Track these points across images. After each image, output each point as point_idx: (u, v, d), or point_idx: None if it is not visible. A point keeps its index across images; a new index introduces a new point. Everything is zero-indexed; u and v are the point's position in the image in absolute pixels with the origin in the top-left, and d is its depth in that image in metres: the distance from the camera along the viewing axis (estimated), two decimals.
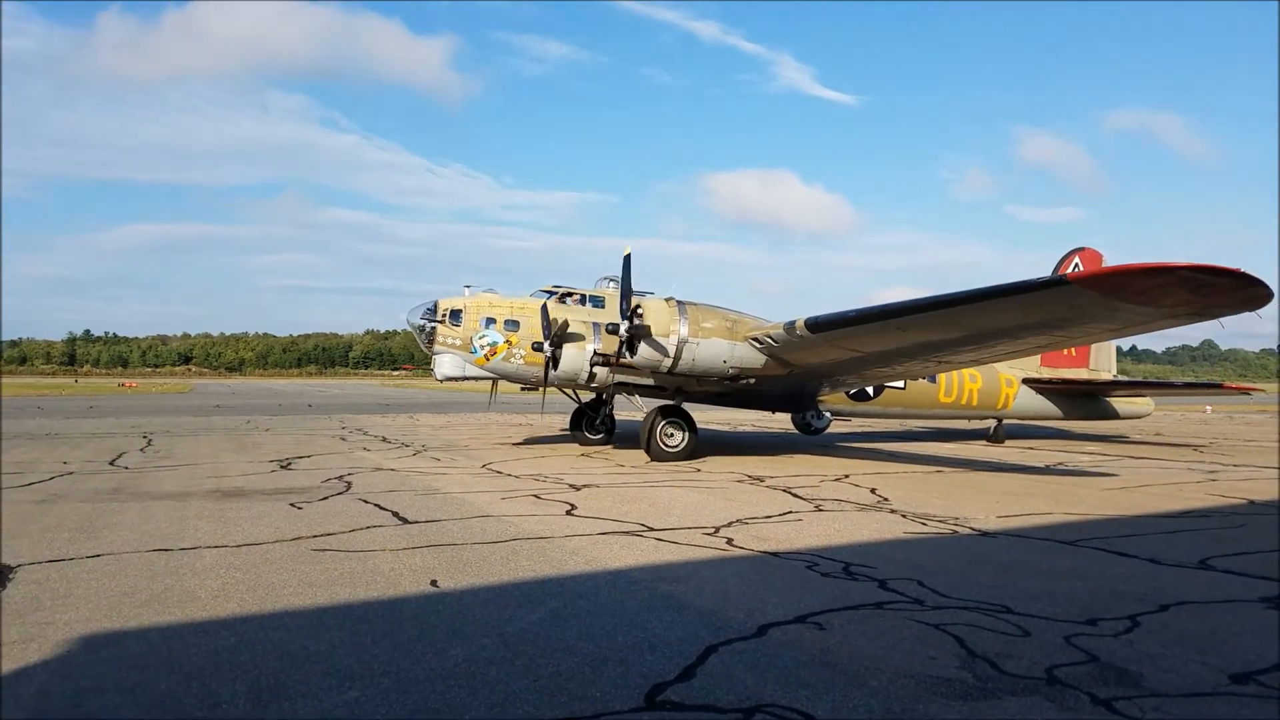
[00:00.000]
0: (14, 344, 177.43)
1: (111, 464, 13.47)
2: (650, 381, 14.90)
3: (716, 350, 13.57)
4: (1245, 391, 22.02)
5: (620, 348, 13.85)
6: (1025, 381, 19.45)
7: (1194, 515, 9.59)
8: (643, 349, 13.43)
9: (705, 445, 17.99)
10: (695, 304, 13.91)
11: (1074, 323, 11.26)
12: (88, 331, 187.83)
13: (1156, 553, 7.36)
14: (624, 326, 13.68)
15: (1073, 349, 20.27)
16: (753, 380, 14.57)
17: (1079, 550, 7.46)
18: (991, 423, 20.16)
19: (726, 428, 24.00)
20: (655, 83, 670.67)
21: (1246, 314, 10.16)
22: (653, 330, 13.35)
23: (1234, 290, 9.59)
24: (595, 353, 14.40)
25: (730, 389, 15.11)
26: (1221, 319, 10.62)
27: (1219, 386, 21.25)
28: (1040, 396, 19.59)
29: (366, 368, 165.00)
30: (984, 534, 8.22)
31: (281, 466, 13.22)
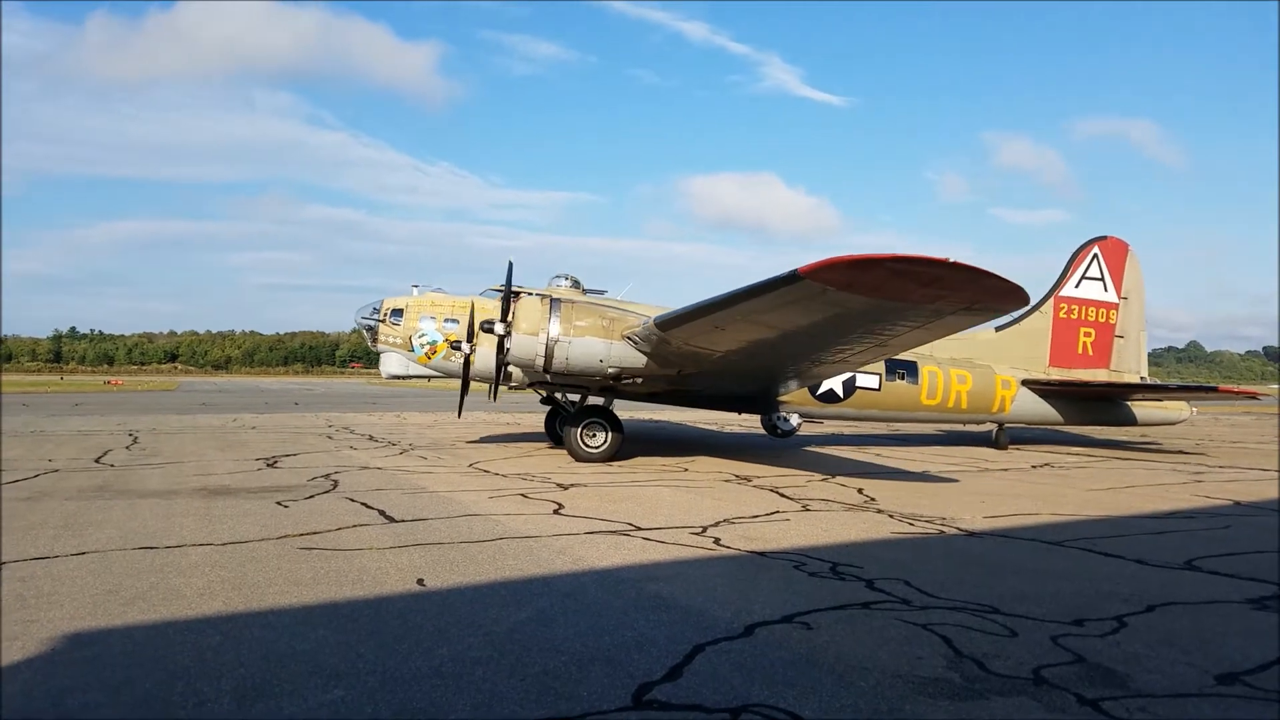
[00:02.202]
0: None
1: (97, 461, 13.37)
2: (544, 379, 14.63)
3: (591, 349, 13.36)
4: (1252, 395, 21.30)
5: (499, 346, 13.85)
6: (1025, 383, 18.42)
7: (1180, 516, 9.65)
8: (515, 347, 13.41)
9: (694, 445, 18.00)
10: (572, 301, 13.83)
11: (863, 321, 10.91)
12: (73, 329, 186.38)
13: (1143, 553, 7.40)
14: (498, 326, 13.72)
15: (1089, 348, 19.37)
16: (639, 380, 14.29)
17: (1065, 551, 7.49)
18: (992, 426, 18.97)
19: (714, 427, 24.02)
20: (644, 83, 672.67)
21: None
22: (524, 329, 13.29)
23: (971, 286, 9.41)
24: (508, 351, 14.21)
25: (655, 389, 14.92)
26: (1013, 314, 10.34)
27: (1214, 390, 20.41)
28: (1042, 400, 18.50)
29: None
30: (971, 534, 8.25)
31: (268, 465, 13.15)
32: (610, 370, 13.58)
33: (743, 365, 13.70)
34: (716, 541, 7.60)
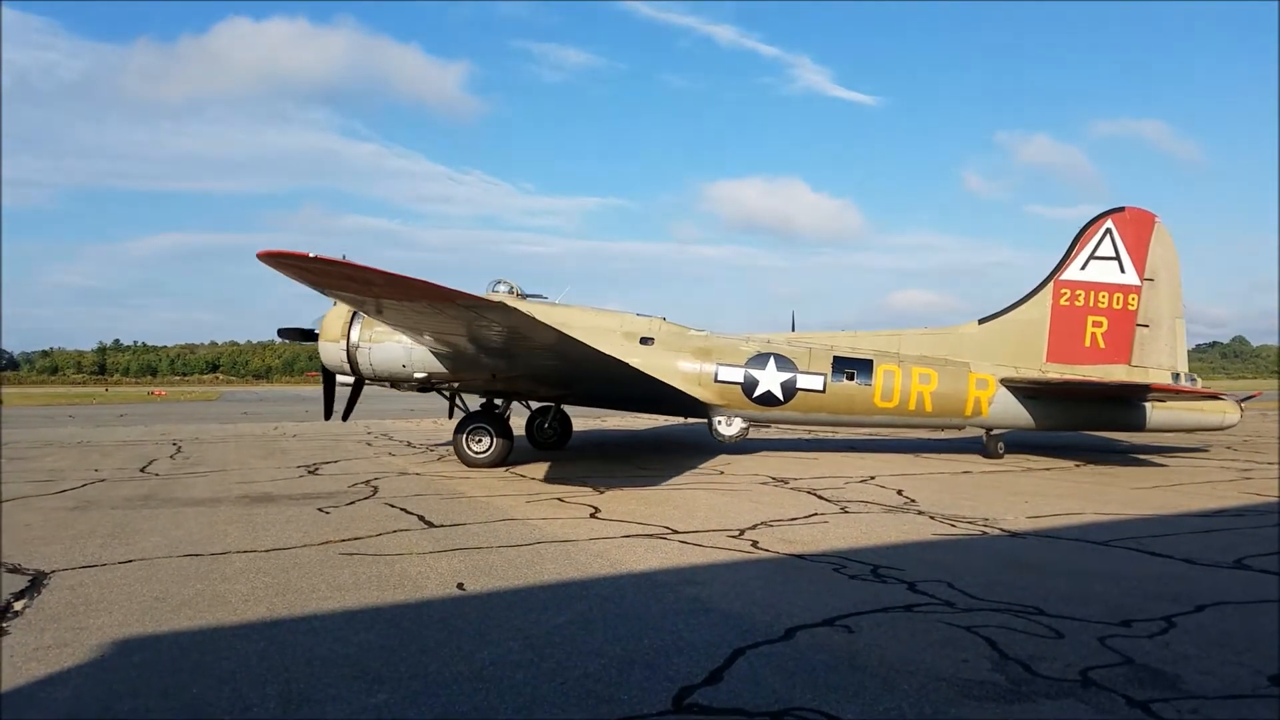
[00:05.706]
0: (45, 354, 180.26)
1: (142, 471, 13.63)
2: (427, 383, 14.66)
3: (391, 354, 13.58)
4: (1213, 396, 16.87)
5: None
6: (1004, 383, 15.71)
7: (1228, 514, 9.43)
8: (321, 353, 13.92)
9: (729, 448, 17.90)
10: None
11: (409, 318, 10.72)
12: (118, 341, 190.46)
13: (1190, 552, 7.24)
14: (317, 332, 14.09)
15: (1100, 340, 16.31)
16: (455, 383, 14.30)
17: (1111, 550, 7.36)
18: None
19: None
20: (673, 88, 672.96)
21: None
22: (327, 336, 13.71)
23: (367, 280, 9.21)
24: None
25: (545, 392, 15.02)
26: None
27: (1148, 389, 16.55)
28: (1021, 402, 15.70)
29: None
30: (1014, 535, 8.13)
31: (309, 471, 13.32)
32: (418, 375, 13.66)
33: (528, 368, 13.40)
34: (754, 544, 7.56)
